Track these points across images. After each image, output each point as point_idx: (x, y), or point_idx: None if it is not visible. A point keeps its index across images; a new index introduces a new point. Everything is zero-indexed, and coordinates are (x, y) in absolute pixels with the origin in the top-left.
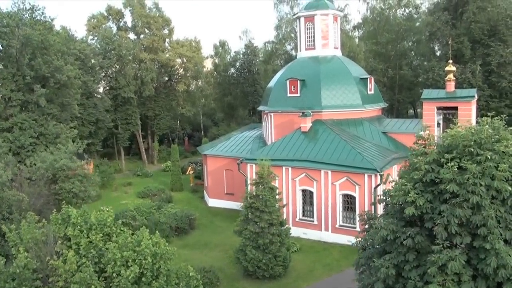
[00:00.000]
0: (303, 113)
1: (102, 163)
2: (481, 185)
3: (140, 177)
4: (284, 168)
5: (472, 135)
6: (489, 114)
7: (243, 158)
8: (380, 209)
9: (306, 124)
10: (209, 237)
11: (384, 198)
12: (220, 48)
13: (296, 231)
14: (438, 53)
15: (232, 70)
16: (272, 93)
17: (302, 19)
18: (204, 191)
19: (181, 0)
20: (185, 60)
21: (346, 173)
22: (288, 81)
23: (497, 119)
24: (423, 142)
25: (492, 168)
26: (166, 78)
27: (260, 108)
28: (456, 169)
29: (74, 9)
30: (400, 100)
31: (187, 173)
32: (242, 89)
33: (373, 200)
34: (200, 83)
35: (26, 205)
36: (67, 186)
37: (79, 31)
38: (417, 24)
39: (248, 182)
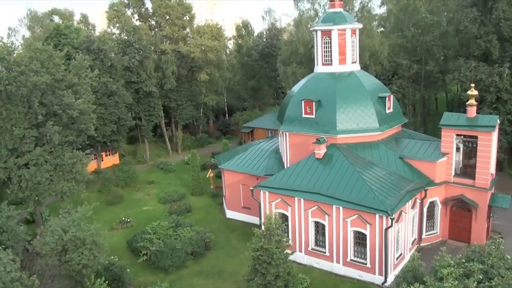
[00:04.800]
0: (317, 139)
1: (126, 161)
2: None
3: (163, 171)
4: (296, 198)
5: None
6: None
7: (257, 185)
8: (391, 252)
9: (320, 151)
10: (224, 262)
11: None
12: (243, 29)
13: (308, 260)
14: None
15: (255, 53)
16: (288, 112)
17: (319, 33)
18: (223, 199)
19: None
20: (206, 50)
21: (357, 211)
22: (303, 102)
23: None
24: None
25: None
26: (187, 69)
27: (275, 124)
28: None
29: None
30: (425, 97)
31: (207, 176)
32: (265, 73)
33: (384, 242)
34: (222, 71)
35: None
36: (75, 258)
37: (99, 22)
38: (444, 15)
39: (262, 209)
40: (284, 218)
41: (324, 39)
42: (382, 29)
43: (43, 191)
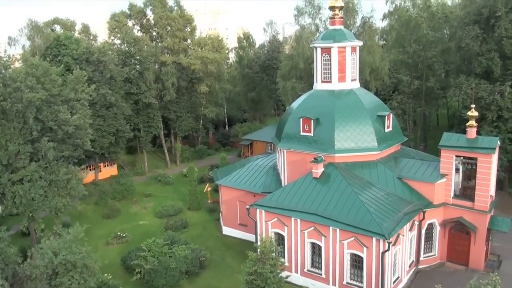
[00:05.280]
0: (315, 158)
1: (123, 174)
2: None
3: (160, 183)
4: (293, 219)
5: None
6: None
7: (253, 203)
8: (387, 275)
9: (318, 170)
10: (219, 281)
11: None
12: (245, 41)
13: (304, 282)
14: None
15: (256, 65)
16: (286, 129)
17: (319, 50)
18: (220, 214)
19: None
20: (206, 62)
21: (354, 233)
22: (301, 120)
23: None
24: None
25: None
26: (187, 81)
27: (274, 140)
28: None
29: (96, 8)
30: (426, 113)
31: (204, 190)
32: (266, 85)
33: (381, 265)
34: (222, 83)
35: None
36: (66, 282)
37: (100, 32)
38: (446, 31)
39: (258, 228)
40: (280, 238)
41: (323, 56)
42: (384, 42)
43: (37, 207)
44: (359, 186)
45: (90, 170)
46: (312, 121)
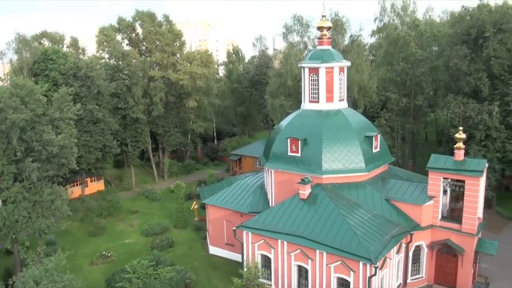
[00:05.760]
0: (302, 180)
1: (110, 190)
2: None
3: (147, 199)
4: (279, 241)
5: None
6: None
7: (240, 225)
8: None
9: (305, 192)
10: None
11: None
12: (234, 55)
13: None
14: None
15: (245, 80)
16: (274, 149)
17: (307, 70)
18: (207, 233)
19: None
20: (195, 77)
21: (341, 257)
22: (289, 140)
23: None
24: None
25: None
26: (176, 96)
27: (261, 159)
28: None
29: (85, 22)
30: (414, 131)
31: (191, 207)
32: (255, 100)
33: None
34: (211, 98)
35: None
36: None
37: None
38: (434, 47)
39: (244, 250)
40: (267, 260)
41: (311, 76)
42: (372, 57)
43: (21, 229)
44: (347, 208)
45: (77, 185)
46: (299, 141)
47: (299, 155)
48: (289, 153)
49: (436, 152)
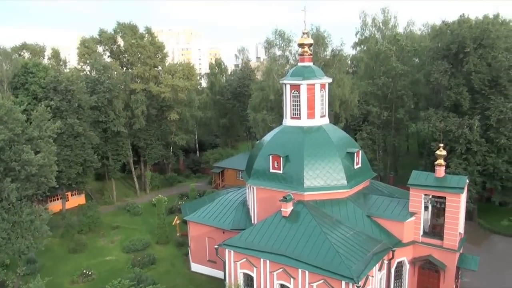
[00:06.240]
0: (284, 197)
1: (90, 205)
2: None
3: (129, 214)
4: (262, 260)
5: None
6: None
7: (221, 243)
8: None
9: (287, 209)
10: None
11: None
12: (216, 67)
13: None
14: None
15: (227, 92)
16: (255, 166)
17: (288, 86)
18: (189, 250)
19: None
20: (177, 90)
21: (323, 276)
22: (271, 157)
23: None
24: None
25: None
26: (157, 109)
27: (243, 175)
28: None
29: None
30: (395, 144)
31: (173, 223)
32: (237, 112)
33: None
34: (193, 110)
35: None
36: None
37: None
38: (415, 59)
39: (227, 268)
40: (250, 279)
41: (293, 93)
42: (354, 68)
43: (0, 251)
44: (329, 225)
45: (57, 199)
46: (281, 158)
47: (281, 172)
48: (271, 170)
49: (417, 164)
